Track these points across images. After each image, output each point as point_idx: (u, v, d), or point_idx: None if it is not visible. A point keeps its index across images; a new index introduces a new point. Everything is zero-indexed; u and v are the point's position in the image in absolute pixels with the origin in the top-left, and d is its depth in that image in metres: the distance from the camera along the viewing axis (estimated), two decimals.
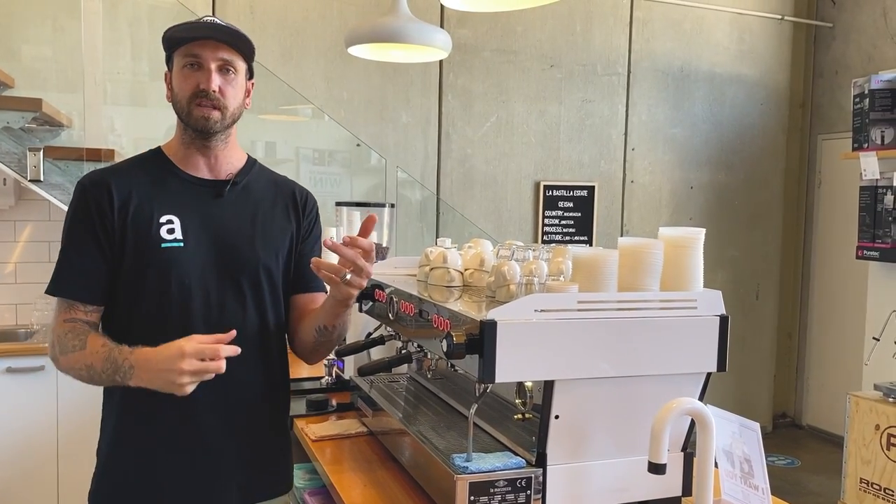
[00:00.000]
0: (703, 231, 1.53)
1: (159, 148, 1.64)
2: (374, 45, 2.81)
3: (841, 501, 3.52)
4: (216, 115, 1.53)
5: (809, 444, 5.56)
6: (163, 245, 1.52)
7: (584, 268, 1.45)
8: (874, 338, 3.87)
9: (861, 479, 3.40)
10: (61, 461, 3.31)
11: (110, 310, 1.55)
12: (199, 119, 1.53)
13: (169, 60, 1.58)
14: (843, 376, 5.34)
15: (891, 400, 3.27)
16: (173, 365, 1.32)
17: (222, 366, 1.35)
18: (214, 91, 1.52)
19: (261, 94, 4.35)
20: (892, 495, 3.23)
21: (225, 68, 1.54)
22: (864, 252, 4.10)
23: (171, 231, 1.53)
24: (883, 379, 3.47)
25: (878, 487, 3.32)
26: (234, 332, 1.39)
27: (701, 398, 1.52)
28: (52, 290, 1.52)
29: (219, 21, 1.55)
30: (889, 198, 3.98)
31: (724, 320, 1.49)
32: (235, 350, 1.36)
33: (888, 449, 3.26)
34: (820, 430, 5.73)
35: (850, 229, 4.39)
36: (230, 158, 1.64)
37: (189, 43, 1.52)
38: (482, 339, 1.33)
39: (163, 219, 1.53)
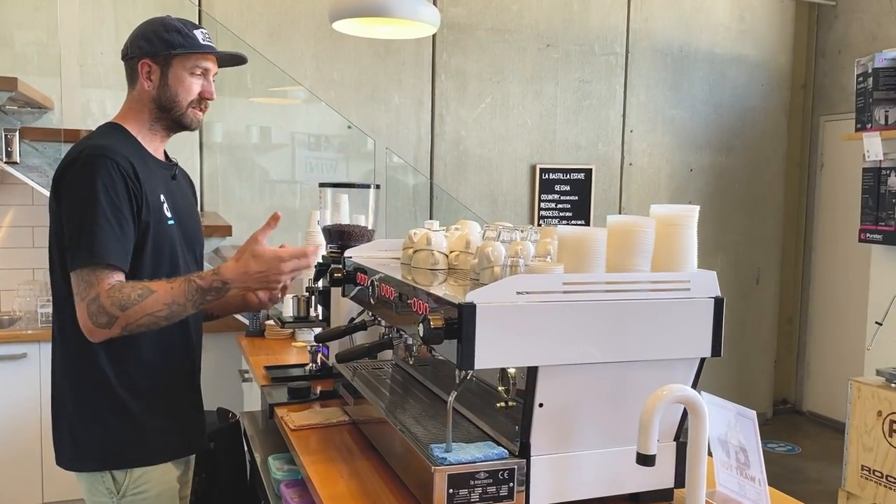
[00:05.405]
0: (696, 209, 1.44)
1: (121, 125, 1.71)
2: (360, 21, 2.71)
3: (842, 489, 3.46)
4: (202, 117, 1.78)
5: (810, 431, 5.50)
6: (169, 223, 1.68)
7: (570, 248, 1.37)
8: (877, 322, 3.79)
9: (863, 466, 3.33)
10: (45, 449, 3.25)
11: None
12: (193, 121, 1.75)
13: (157, 56, 1.69)
14: (845, 362, 5.26)
15: (893, 386, 3.19)
16: (275, 268, 1.60)
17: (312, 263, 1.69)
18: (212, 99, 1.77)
19: (249, 76, 4.27)
20: (895, 483, 3.16)
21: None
22: (867, 235, 4.02)
23: (167, 209, 1.69)
24: (885, 364, 3.40)
25: (879, 475, 3.25)
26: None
27: (695, 385, 1.44)
28: (100, 259, 1.53)
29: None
30: (893, 179, 3.89)
31: (718, 302, 1.41)
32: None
33: (890, 436, 3.19)
34: (821, 417, 5.67)
35: (852, 212, 4.30)
36: None
37: (199, 54, 1.71)
38: (460, 324, 1.25)
39: (161, 197, 1.68)
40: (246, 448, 2.33)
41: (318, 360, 2.39)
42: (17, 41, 3.86)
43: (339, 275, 1.98)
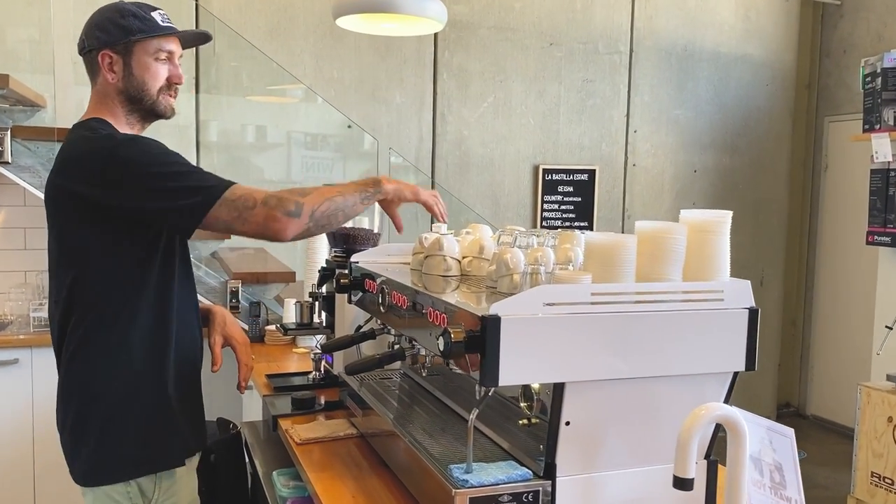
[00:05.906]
0: (729, 214, 1.37)
1: (107, 121, 1.63)
2: (364, 17, 2.63)
3: (851, 495, 3.40)
4: (174, 103, 1.70)
5: (814, 435, 5.43)
6: None
7: (598, 256, 1.29)
8: (887, 326, 3.73)
9: (872, 472, 3.28)
10: (37, 456, 3.16)
11: (153, 242, 1.58)
12: (167, 108, 1.67)
13: (116, 45, 1.60)
14: (849, 365, 5.21)
15: None
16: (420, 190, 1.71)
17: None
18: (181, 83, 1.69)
19: (246, 74, 4.18)
20: None
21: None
22: (875, 237, 3.96)
23: None
24: (895, 369, 3.34)
25: (890, 482, 3.20)
26: None
27: (727, 401, 1.36)
28: (227, 182, 1.53)
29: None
30: None
31: (753, 313, 1.34)
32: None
33: None
34: (825, 421, 5.61)
35: (857, 214, 4.24)
36: None
37: (161, 37, 1.62)
38: (484, 337, 1.17)
39: None
40: (247, 460, 2.25)
41: (322, 369, 2.31)
42: (8, 38, 3.77)
43: (346, 281, 1.90)
